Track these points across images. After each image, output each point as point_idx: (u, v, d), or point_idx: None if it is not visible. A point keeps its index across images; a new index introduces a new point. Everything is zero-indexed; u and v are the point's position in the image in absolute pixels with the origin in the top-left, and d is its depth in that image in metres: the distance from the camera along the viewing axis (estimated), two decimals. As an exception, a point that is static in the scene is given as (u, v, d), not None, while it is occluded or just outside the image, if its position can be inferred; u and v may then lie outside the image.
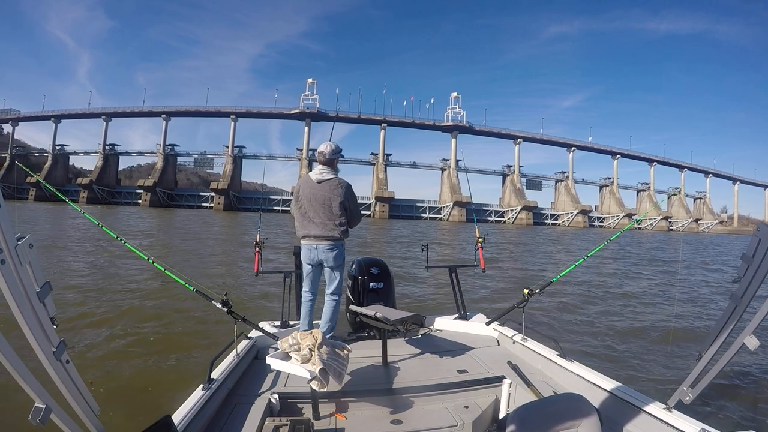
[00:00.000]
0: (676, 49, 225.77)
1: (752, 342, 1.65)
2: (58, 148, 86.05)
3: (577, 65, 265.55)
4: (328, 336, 3.33)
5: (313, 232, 3.34)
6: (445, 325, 3.94)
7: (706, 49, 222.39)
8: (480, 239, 4.11)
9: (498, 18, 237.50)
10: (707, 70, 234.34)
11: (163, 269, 2.94)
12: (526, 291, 3.29)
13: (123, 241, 2.93)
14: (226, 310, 2.91)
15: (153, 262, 2.91)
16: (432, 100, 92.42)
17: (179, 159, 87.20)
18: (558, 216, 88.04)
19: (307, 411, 2.45)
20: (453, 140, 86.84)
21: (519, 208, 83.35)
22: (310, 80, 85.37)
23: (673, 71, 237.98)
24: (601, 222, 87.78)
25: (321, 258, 3.39)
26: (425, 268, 4.44)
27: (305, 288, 3.53)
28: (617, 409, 2.20)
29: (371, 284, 3.84)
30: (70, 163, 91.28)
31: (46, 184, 3.18)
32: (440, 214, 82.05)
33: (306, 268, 3.49)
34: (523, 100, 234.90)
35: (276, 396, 2.49)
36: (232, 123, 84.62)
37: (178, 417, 1.95)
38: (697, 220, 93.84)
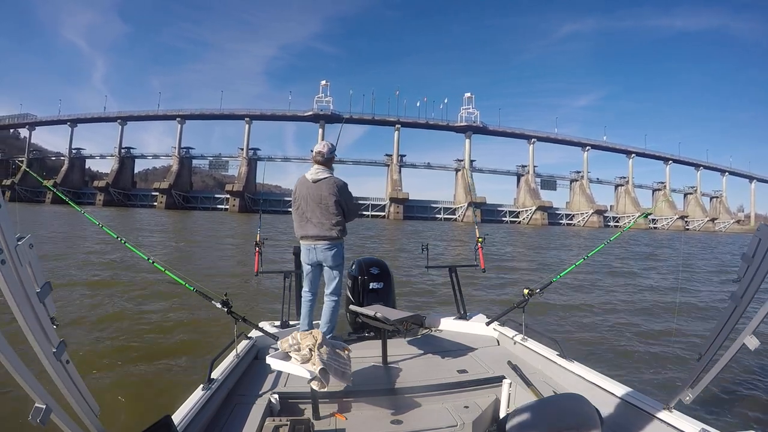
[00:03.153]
0: (689, 46, 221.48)
1: (752, 342, 1.62)
2: (74, 151, 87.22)
3: (591, 64, 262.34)
4: (328, 336, 3.35)
5: (311, 232, 3.38)
6: (445, 325, 3.93)
7: (720, 46, 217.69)
8: (480, 239, 4.09)
9: (509, 18, 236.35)
10: (721, 67, 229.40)
11: (163, 269, 2.93)
12: (526, 291, 3.27)
13: (123, 242, 2.93)
14: (226, 310, 2.91)
15: (153, 263, 2.90)
16: (446, 101, 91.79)
17: (194, 161, 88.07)
18: (573, 216, 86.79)
19: (308, 411, 2.46)
20: (467, 140, 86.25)
21: (534, 208, 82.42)
22: (323, 82, 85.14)
23: (687, 69, 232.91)
24: (617, 222, 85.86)
25: (320, 258, 3.42)
26: (425, 267, 4.44)
27: (305, 288, 3.55)
28: (617, 409, 2.18)
29: (371, 284, 3.83)
30: (87, 167, 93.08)
31: (49, 186, 3.26)
32: (455, 214, 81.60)
33: (305, 268, 3.52)
34: (536, 100, 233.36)
35: (276, 396, 2.50)
36: (247, 125, 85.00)
37: (178, 417, 1.97)
38: (713, 220, 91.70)
